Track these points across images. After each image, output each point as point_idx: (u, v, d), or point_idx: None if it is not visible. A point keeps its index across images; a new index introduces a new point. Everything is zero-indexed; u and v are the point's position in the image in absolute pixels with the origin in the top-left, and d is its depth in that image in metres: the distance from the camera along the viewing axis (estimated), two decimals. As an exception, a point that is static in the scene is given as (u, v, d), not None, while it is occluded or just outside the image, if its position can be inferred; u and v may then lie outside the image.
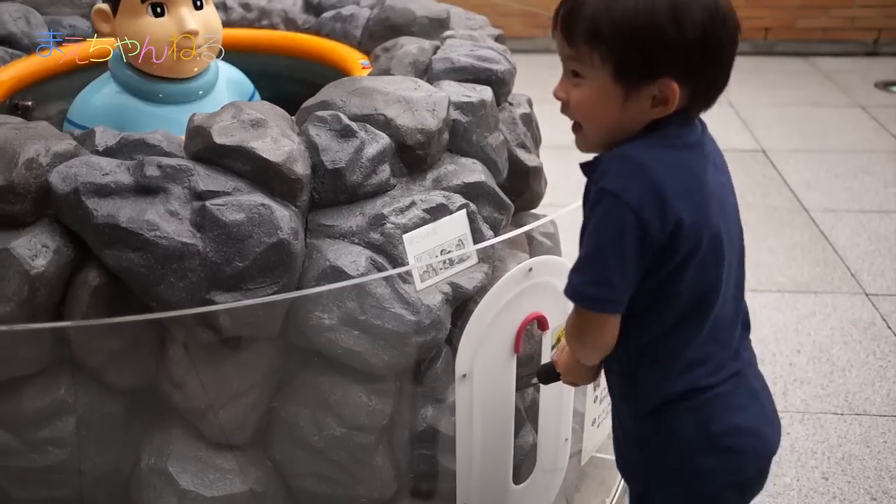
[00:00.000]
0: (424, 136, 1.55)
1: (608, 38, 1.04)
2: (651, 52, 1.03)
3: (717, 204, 1.11)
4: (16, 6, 2.15)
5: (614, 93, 1.07)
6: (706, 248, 1.10)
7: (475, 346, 1.39)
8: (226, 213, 1.33)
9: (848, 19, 5.59)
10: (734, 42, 1.07)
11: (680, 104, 1.07)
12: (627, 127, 1.10)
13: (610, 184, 1.05)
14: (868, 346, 2.62)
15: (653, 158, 1.07)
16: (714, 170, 1.14)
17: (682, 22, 1.02)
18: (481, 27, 2.21)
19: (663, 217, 1.04)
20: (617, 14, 1.03)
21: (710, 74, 1.07)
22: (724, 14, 1.05)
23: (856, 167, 3.93)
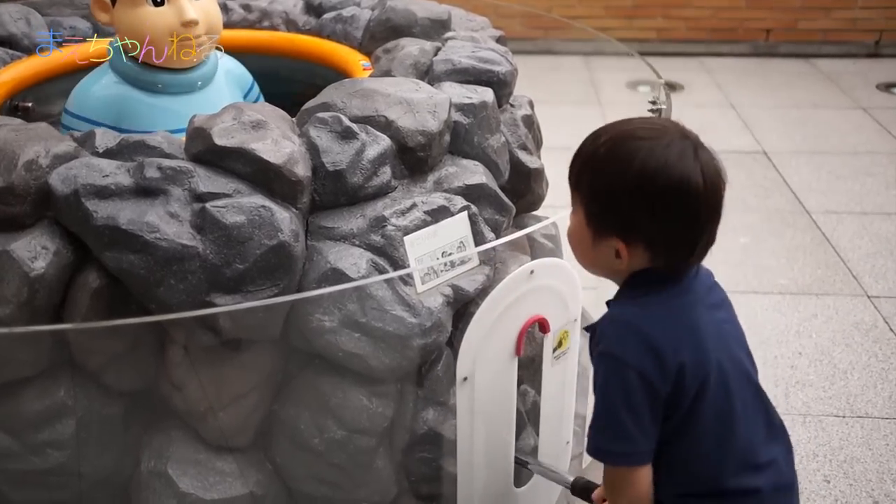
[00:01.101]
0: (425, 137, 1.54)
1: (582, 189, 1.16)
2: (606, 212, 1.13)
3: (714, 341, 1.16)
4: (16, 7, 2.15)
5: (586, 235, 1.17)
6: (713, 382, 1.14)
7: (476, 348, 1.39)
8: (226, 215, 1.33)
9: (849, 21, 5.58)
10: (705, 211, 1.10)
11: (644, 262, 1.14)
12: (604, 268, 1.19)
13: (608, 347, 1.13)
14: (870, 349, 2.61)
15: (643, 317, 1.14)
16: (709, 310, 1.19)
17: (635, 194, 1.09)
18: (482, 28, 2.20)
19: (663, 369, 1.11)
20: (594, 174, 1.14)
21: (667, 240, 1.12)
22: (692, 186, 1.08)
23: (857, 169, 3.92)
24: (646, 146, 1.10)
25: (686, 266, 1.16)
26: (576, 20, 5.49)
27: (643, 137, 1.11)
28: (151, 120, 1.77)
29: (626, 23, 5.63)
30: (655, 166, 1.08)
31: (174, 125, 1.78)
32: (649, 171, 1.08)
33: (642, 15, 5.63)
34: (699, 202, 1.09)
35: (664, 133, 1.12)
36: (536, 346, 1.55)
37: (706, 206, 1.10)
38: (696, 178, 1.08)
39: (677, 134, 1.12)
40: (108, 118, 1.77)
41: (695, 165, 1.09)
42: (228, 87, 1.92)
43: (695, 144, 1.11)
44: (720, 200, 1.12)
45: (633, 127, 1.15)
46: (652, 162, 1.08)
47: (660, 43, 5.63)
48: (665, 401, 1.12)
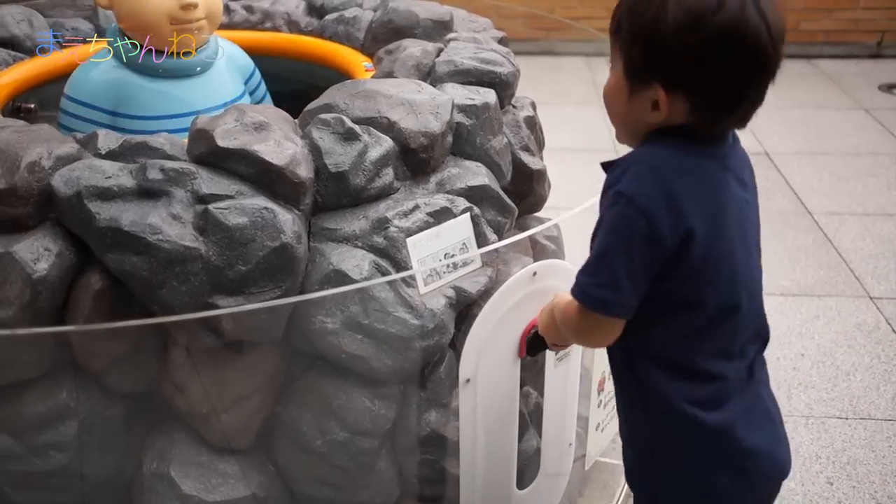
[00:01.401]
0: (428, 139, 1.54)
1: (623, 35, 1.08)
2: (649, 57, 1.05)
3: (734, 218, 1.10)
4: (18, 9, 2.15)
5: (623, 88, 1.10)
6: (722, 262, 1.09)
7: (479, 350, 1.38)
8: (229, 216, 1.33)
9: (851, 21, 5.58)
10: (752, 64, 1.02)
11: (681, 116, 1.06)
12: (636, 125, 1.11)
13: (624, 186, 1.05)
14: (872, 350, 2.61)
15: (668, 163, 1.07)
16: (737, 184, 1.13)
17: (685, 36, 1.00)
18: (485, 29, 2.20)
19: (674, 222, 1.04)
20: (635, 15, 1.06)
21: (711, 92, 1.04)
22: (743, 35, 1.00)
23: (859, 170, 3.92)
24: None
25: (726, 126, 1.09)
26: (578, 21, 5.49)
27: None
28: (151, 104, 1.77)
29: (627, 24, 5.62)
30: (709, 4, 0.99)
31: (174, 110, 1.78)
32: (702, 8, 0.99)
33: (644, 16, 5.62)
34: (756, 52, 1.00)
35: None
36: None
37: (764, 59, 1.01)
38: (756, 22, 0.99)
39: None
40: (107, 103, 1.77)
41: (754, 9, 1.00)
42: (230, 72, 1.91)
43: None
44: (779, 56, 1.04)
45: None
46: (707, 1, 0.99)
47: (661, 44, 5.62)
48: (667, 258, 1.05)
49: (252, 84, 2.02)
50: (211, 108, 1.82)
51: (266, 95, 2.07)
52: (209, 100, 1.83)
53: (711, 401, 1.14)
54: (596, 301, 1.09)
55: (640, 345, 1.14)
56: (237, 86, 1.92)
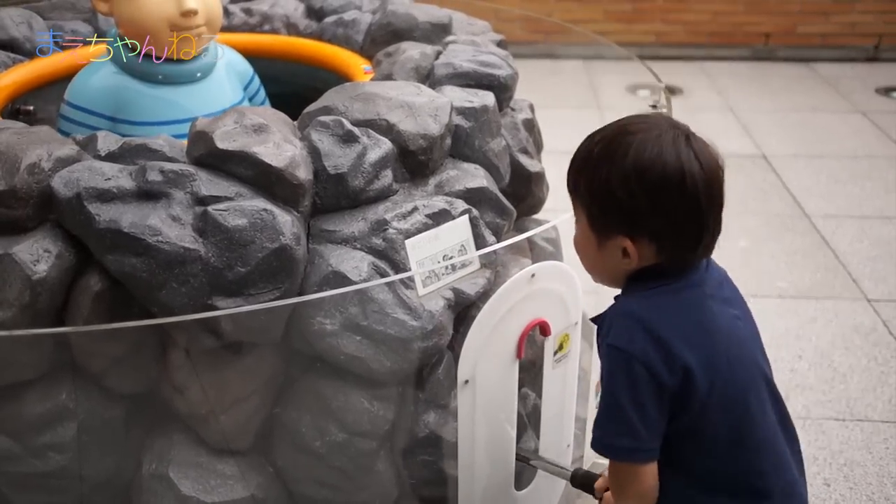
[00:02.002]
0: (427, 141, 1.55)
1: (581, 194, 1.16)
2: (608, 211, 1.13)
3: (725, 338, 1.15)
4: (18, 11, 2.15)
5: (591, 240, 1.17)
6: (724, 385, 1.13)
7: (478, 351, 1.39)
8: (228, 218, 1.33)
9: (848, 25, 5.60)
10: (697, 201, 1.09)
11: (651, 258, 1.13)
12: (611, 272, 1.19)
13: (615, 339, 1.12)
14: (869, 352, 2.61)
15: (651, 310, 1.13)
16: (721, 305, 1.18)
17: (633, 188, 1.09)
18: (483, 32, 2.21)
19: (670, 363, 1.10)
20: (588, 177, 1.14)
21: (671, 233, 1.11)
22: (682, 179, 1.08)
23: (857, 173, 3.93)
24: (637, 139, 1.10)
25: (694, 258, 1.15)
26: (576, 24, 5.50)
27: (634, 132, 1.11)
28: (151, 110, 1.78)
29: (625, 27, 5.65)
30: (649, 157, 1.08)
31: (174, 116, 1.79)
32: (644, 162, 1.08)
33: (641, 19, 5.64)
34: (697, 189, 1.08)
35: (654, 125, 1.12)
36: (537, 350, 1.55)
37: (705, 192, 1.09)
38: (691, 164, 1.08)
39: (667, 125, 1.12)
40: (106, 108, 1.77)
41: (688, 152, 1.08)
42: (229, 78, 1.92)
43: (686, 133, 1.11)
44: (720, 187, 1.11)
45: (624, 123, 1.15)
46: (645, 153, 1.08)
47: (659, 47, 5.65)
48: (673, 396, 1.11)
49: (251, 90, 2.02)
50: (210, 113, 1.80)
51: (265, 101, 2.08)
52: (209, 106, 1.83)
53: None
54: (619, 451, 1.15)
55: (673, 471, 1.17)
56: (236, 92, 1.93)
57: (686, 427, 1.14)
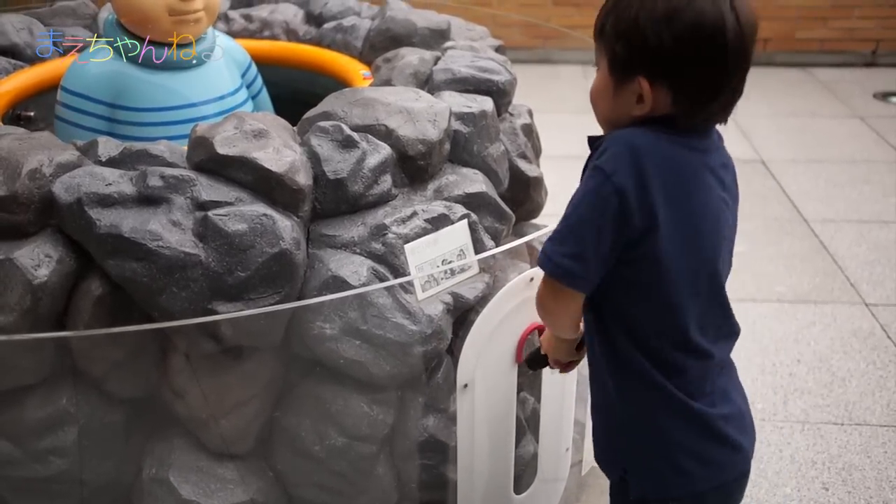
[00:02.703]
0: (426, 146, 1.55)
1: (607, 34, 1.13)
2: (631, 51, 1.10)
3: (706, 211, 1.14)
4: (19, 17, 2.17)
5: (609, 84, 1.15)
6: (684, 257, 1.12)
7: (477, 355, 1.39)
8: (228, 223, 1.34)
9: (846, 30, 5.62)
10: (724, 55, 1.07)
11: (665, 107, 1.10)
12: (622, 120, 1.15)
13: (603, 163, 1.09)
14: (868, 357, 2.62)
15: (649, 147, 1.10)
16: (715, 181, 1.16)
17: (663, 30, 1.06)
18: (482, 38, 2.22)
19: (644, 205, 1.07)
20: (617, 15, 1.11)
21: (690, 82, 1.09)
22: (713, 28, 1.05)
23: (855, 177, 3.94)
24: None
25: (707, 117, 1.13)
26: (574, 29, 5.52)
27: None
28: (149, 96, 1.78)
29: (624, 32, 5.65)
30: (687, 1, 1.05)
31: (171, 102, 1.79)
32: (677, 3, 1.06)
33: (640, 24, 5.65)
34: (727, 42, 1.05)
35: None
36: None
37: (734, 48, 1.06)
38: (727, 16, 1.05)
39: None
40: (105, 95, 1.77)
41: (727, 3, 1.06)
42: (227, 65, 1.92)
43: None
44: (750, 47, 1.09)
45: None
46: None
47: (658, 52, 5.65)
48: (631, 241, 1.09)
49: (249, 77, 2.02)
50: (208, 100, 1.84)
51: (262, 89, 2.08)
52: (207, 92, 1.84)
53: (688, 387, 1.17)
54: (561, 270, 1.11)
55: (616, 324, 1.16)
56: (234, 79, 1.93)
57: (636, 280, 1.12)
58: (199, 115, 1.81)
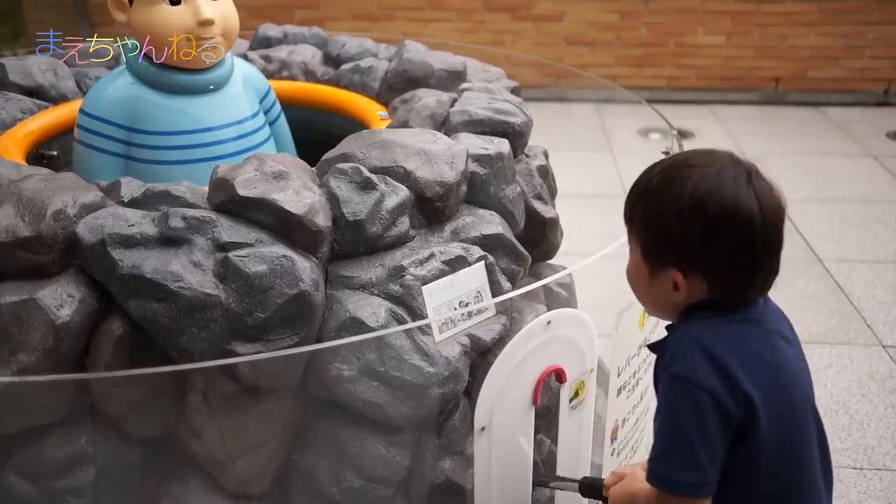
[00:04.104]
0: (443, 188, 1.57)
1: (635, 223, 1.16)
2: (661, 243, 1.13)
3: (786, 376, 1.14)
4: (44, 59, 2.21)
5: (643, 270, 1.17)
6: (783, 424, 1.12)
7: (494, 398, 1.39)
8: (248, 264, 1.35)
9: (858, 70, 5.64)
10: (751, 243, 1.08)
11: (701, 294, 1.12)
12: (663, 304, 1.18)
13: (679, 369, 1.10)
14: (886, 400, 2.60)
15: (714, 337, 1.11)
16: (782, 341, 1.17)
17: (688, 223, 1.08)
18: (497, 79, 2.24)
19: (734, 393, 1.08)
20: (645, 206, 1.15)
21: (723, 271, 1.10)
22: (737, 218, 1.07)
23: (869, 217, 3.93)
24: (697, 172, 1.09)
25: (746, 297, 1.14)
26: (588, 68, 5.57)
27: (694, 165, 1.11)
28: (166, 120, 1.80)
29: (636, 71, 5.71)
30: (707, 190, 1.07)
31: (189, 126, 1.81)
32: (700, 196, 1.07)
33: (653, 63, 5.71)
34: (754, 229, 1.07)
35: (716, 160, 1.11)
36: (552, 396, 1.55)
37: (762, 234, 1.08)
38: (749, 204, 1.07)
39: (730, 161, 1.11)
40: (123, 119, 1.80)
41: (748, 191, 1.07)
42: (245, 90, 1.94)
43: (748, 171, 1.10)
44: (779, 229, 1.10)
45: (686, 156, 1.15)
46: (703, 187, 1.08)
47: (670, 91, 5.70)
48: (737, 428, 1.09)
49: (267, 103, 2.04)
50: (225, 124, 1.86)
51: (281, 115, 2.10)
52: (224, 117, 1.86)
53: None
54: (685, 486, 1.10)
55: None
56: (252, 104, 1.95)
57: (737, 462, 1.11)
58: (216, 139, 1.84)
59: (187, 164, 1.82)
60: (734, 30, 5.57)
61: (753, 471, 1.13)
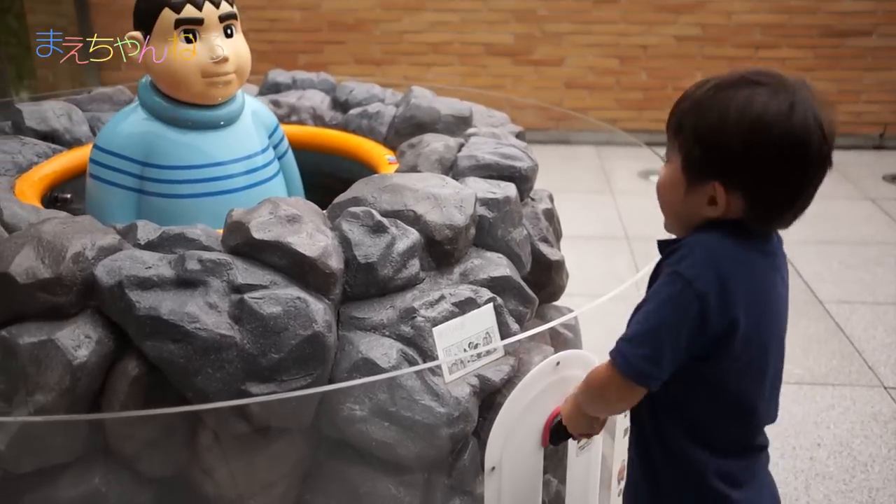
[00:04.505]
0: (452, 231, 1.60)
1: (685, 133, 1.14)
2: (710, 155, 1.11)
3: (776, 315, 1.18)
4: (59, 104, 2.26)
5: (680, 182, 1.15)
6: (757, 357, 1.16)
7: (504, 438, 1.41)
8: (263, 305, 1.38)
9: (854, 114, 5.73)
10: (808, 167, 1.09)
11: (738, 212, 1.12)
12: (689, 218, 1.17)
13: (684, 268, 1.11)
14: (889, 441, 2.60)
15: (727, 253, 1.13)
16: (781, 282, 1.21)
17: (748, 139, 1.07)
18: (502, 124, 2.30)
19: (724, 310, 1.10)
20: (700, 117, 1.12)
21: (769, 192, 1.11)
22: (808, 140, 1.07)
23: (868, 259, 3.97)
24: (769, 89, 1.07)
25: (778, 223, 1.15)
26: (587, 112, 5.65)
27: (760, 82, 1.08)
28: (179, 155, 1.85)
29: (636, 114, 5.79)
30: (781, 109, 1.06)
31: (201, 160, 1.86)
32: (771, 113, 1.06)
33: (652, 106, 5.79)
34: (813, 158, 1.07)
35: (782, 80, 1.09)
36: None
37: (817, 164, 1.09)
38: (816, 132, 1.07)
39: (797, 84, 1.10)
40: (137, 154, 1.84)
41: (818, 116, 1.07)
42: (255, 126, 1.99)
43: (822, 98, 1.10)
44: (830, 160, 1.11)
45: (746, 72, 1.11)
46: (775, 105, 1.06)
47: (669, 134, 5.78)
48: (709, 342, 1.11)
49: (275, 139, 2.09)
50: (235, 159, 1.91)
51: (288, 151, 2.14)
52: (234, 152, 1.91)
53: (737, 479, 1.19)
54: (637, 372, 1.14)
55: (672, 417, 1.20)
56: (262, 139, 2.00)
57: (704, 377, 1.15)
58: (227, 173, 1.89)
59: (199, 197, 1.87)
60: (732, 74, 5.66)
61: (719, 385, 1.16)
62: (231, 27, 1.86)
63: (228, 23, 1.84)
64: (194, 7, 1.78)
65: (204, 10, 1.79)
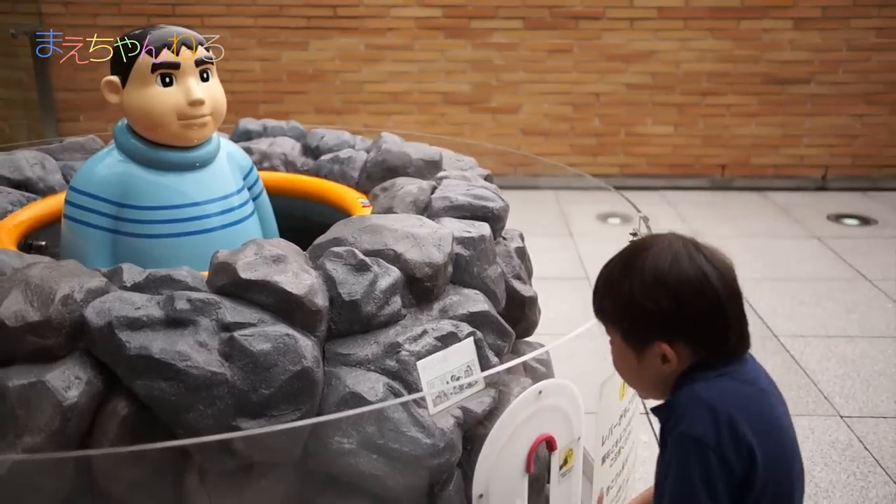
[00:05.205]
0: (432, 269, 1.66)
1: (607, 314, 1.29)
2: (638, 322, 1.25)
3: (783, 433, 1.25)
4: (32, 153, 2.27)
5: (629, 353, 1.28)
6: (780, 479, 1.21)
7: (491, 466, 1.45)
8: (253, 342, 1.41)
9: (797, 157, 5.98)
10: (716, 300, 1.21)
11: (689, 359, 1.24)
12: (656, 380, 1.28)
13: (687, 429, 1.19)
14: (848, 468, 2.69)
15: (718, 395, 1.21)
16: (776, 400, 1.29)
17: (658, 295, 1.21)
18: (470, 168, 2.37)
19: (739, 448, 1.17)
20: (611, 296, 1.28)
21: (701, 331, 1.23)
22: (706, 277, 1.21)
23: (819, 294, 4.12)
24: (652, 252, 1.24)
25: (729, 350, 1.25)
26: (544, 157, 5.80)
27: (647, 247, 1.26)
28: (155, 196, 1.87)
29: (591, 159, 5.96)
30: (664, 264, 1.22)
31: (177, 201, 1.88)
32: (661, 270, 1.21)
33: (606, 152, 5.97)
34: (715, 286, 1.21)
35: (663, 239, 1.27)
36: (540, 464, 1.62)
37: (723, 288, 1.21)
38: (704, 266, 1.21)
39: (675, 237, 1.27)
40: (112, 195, 1.85)
41: (699, 256, 1.23)
42: (230, 167, 2.03)
43: (693, 242, 1.26)
44: (735, 282, 1.24)
45: (636, 243, 1.30)
46: (662, 262, 1.22)
47: (623, 178, 5.95)
48: (740, 482, 1.17)
49: (250, 180, 2.12)
50: (210, 199, 1.93)
51: (263, 192, 2.18)
52: (209, 193, 1.94)
53: None
54: None
55: None
56: (237, 180, 2.03)
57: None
58: (203, 213, 1.91)
59: (175, 237, 1.89)
60: (681, 120, 5.88)
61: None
62: (207, 71, 1.91)
63: (204, 67, 1.90)
64: (171, 52, 1.84)
65: (180, 55, 1.85)
